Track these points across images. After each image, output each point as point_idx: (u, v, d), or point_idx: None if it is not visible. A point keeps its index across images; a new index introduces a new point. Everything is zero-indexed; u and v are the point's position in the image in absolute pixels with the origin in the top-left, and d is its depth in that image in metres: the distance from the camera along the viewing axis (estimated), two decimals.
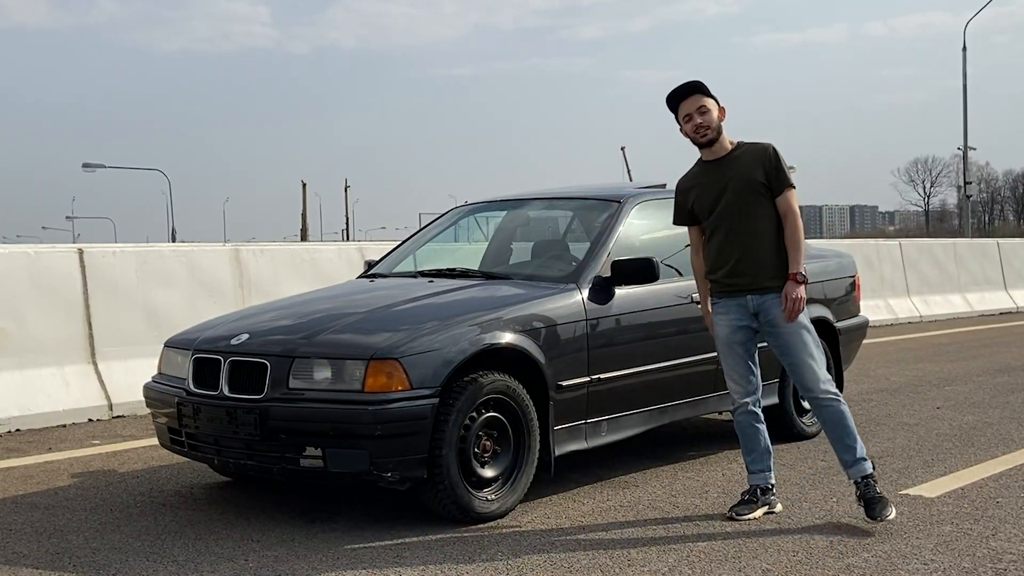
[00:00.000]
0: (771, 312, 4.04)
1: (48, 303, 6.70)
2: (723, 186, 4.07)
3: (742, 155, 4.10)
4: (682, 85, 4.12)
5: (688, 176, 4.27)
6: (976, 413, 6.53)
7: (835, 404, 4.04)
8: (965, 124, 31.25)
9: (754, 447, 4.19)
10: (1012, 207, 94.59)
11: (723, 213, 4.08)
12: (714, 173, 4.12)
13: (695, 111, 4.06)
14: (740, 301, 4.09)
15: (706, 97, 4.08)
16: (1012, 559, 3.54)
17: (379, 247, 8.42)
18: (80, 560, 3.67)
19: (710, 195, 4.12)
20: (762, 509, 4.11)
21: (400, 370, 3.88)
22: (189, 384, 4.26)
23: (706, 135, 4.07)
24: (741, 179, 4.05)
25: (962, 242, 17.04)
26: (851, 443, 4.02)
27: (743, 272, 4.06)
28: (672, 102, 4.13)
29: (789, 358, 4.07)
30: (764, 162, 4.05)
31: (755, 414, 4.20)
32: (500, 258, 5.63)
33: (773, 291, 4.04)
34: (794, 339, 4.03)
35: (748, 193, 4.04)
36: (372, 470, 3.85)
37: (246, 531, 3.99)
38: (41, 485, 4.85)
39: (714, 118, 4.07)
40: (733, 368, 4.18)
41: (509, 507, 4.16)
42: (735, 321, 4.12)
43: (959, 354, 10.12)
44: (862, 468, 4.02)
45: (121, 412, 6.73)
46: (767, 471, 4.18)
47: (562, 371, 4.38)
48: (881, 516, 3.90)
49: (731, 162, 4.10)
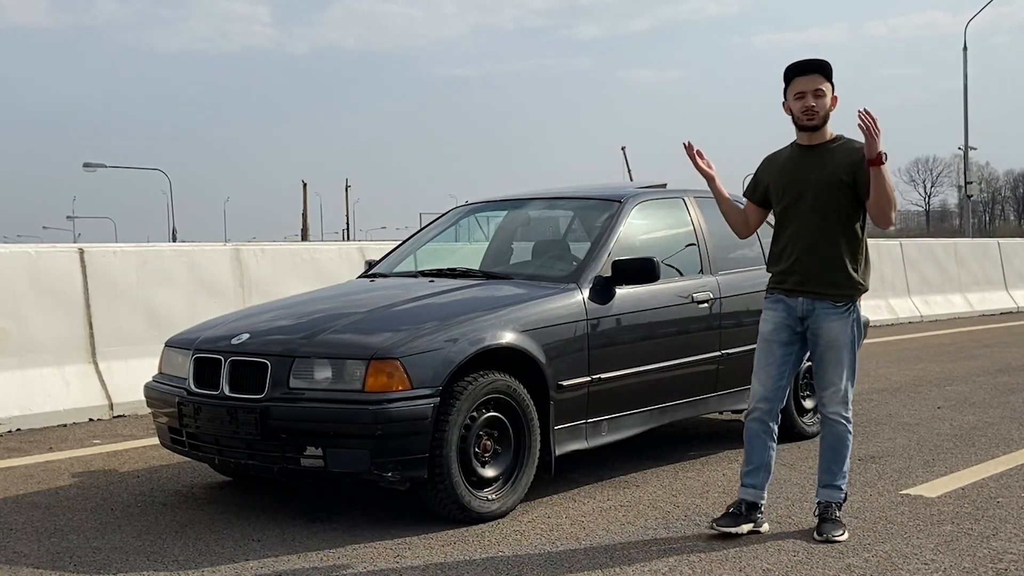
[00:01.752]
0: (818, 321, 3.83)
1: (49, 303, 6.70)
2: (807, 177, 3.82)
3: (837, 150, 3.83)
4: (807, 59, 3.84)
5: (775, 155, 4.01)
6: (976, 413, 6.53)
7: (841, 428, 3.89)
8: (966, 124, 31.24)
9: (754, 460, 3.95)
10: (1013, 207, 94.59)
11: (798, 206, 3.84)
12: (803, 160, 3.86)
13: (811, 91, 3.78)
14: (791, 302, 3.88)
15: (827, 81, 3.80)
16: (1013, 559, 3.54)
17: (380, 247, 8.42)
18: (81, 560, 3.67)
19: (791, 182, 3.87)
20: (747, 526, 3.87)
21: (401, 370, 3.88)
22: (190, 384, 4.26)
23: (812, 120, 3.79)
24: (828, 175, 3.78)
25: (963, 242, 17.04)
26: (836, 469, 3.90)
27: (800, 271, 3.84)
28: (789, 73, 3.84)
29: (819, 370, 3.88)
30: (856, 160, 3.75)
31: (768, 427, 3.94)
32: (501, 258, 5.63)
33: (827, 299, 3.81)
34: (832, 356, 3.83)
35: (830, 191, 3.78)
36: (373, 470, 3.85)
37: (246, 531, 3.99)
38: (42, 485, 4.85)
39: (826, 104, 3.79)
40: (763, 367, 3.93)
41: (510, 507, 4.16)
42: (782, 320, 3.90)
43: (960, 354, 10.11)
44: (833, 495, 3.89)
45: (122, 412, 6.73)
46: (760, 489, 3.93)
47: (563, 371, 4.38)
48: (830, 535, 3.75)
49: (823, 154, 3.83)
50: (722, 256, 5.38)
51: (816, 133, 3.84)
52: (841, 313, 3.82)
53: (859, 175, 3.75)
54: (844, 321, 3.82)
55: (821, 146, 3.85)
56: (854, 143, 3.83)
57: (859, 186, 3.76)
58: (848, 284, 3.82)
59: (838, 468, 3.90)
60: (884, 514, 4.12)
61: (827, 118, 3.83)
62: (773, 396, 3.93)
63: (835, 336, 3.82)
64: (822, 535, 3.76)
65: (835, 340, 3.82)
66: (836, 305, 3.82)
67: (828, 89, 3.80)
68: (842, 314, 3.82)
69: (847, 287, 3.82)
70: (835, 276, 3.81)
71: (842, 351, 3.83)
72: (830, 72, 3.82)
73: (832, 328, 3.82)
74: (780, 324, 3.91)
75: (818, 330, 3.84)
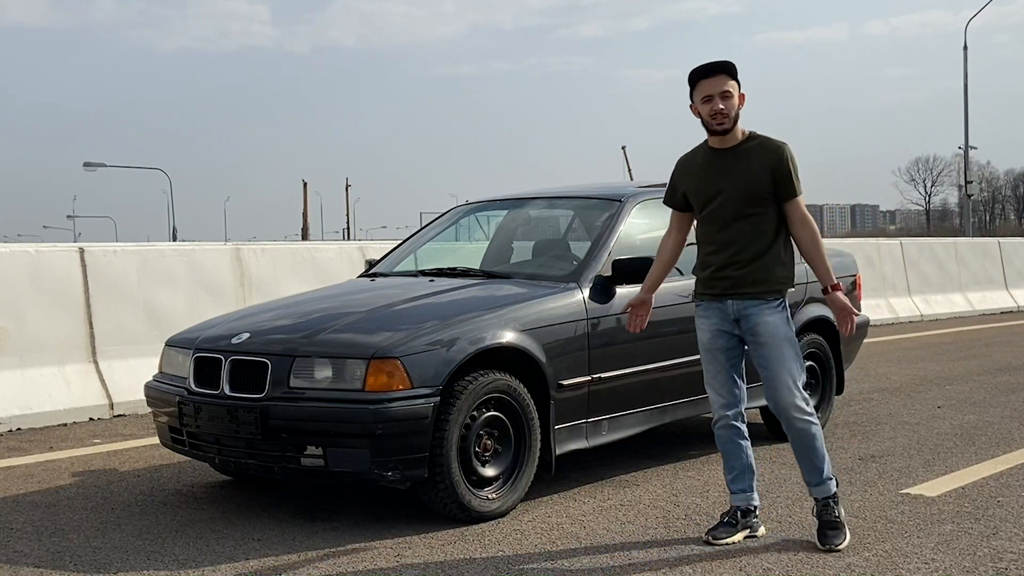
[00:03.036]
0: (752, 320, 3.74)
1: (49, 302, 6.70)
2: (724, 180, 3.73)
3: (752, 150, 3.74)
4: (710, 62, 3.74)
5: (689, 158, 3.91)
6: (977, 412, 6.53)
7: (807, 424, 3.73)
8: (966, 123, 31.26)
9: (735, 465, 3.90)
10: (1013, 206, 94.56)
11: (718, 209, 3.75)
12: (718, 163, 3.77)
13: (717, 94, 3.68)
14: (721, 306, 3.80)
15: (731, 80, 3.71)
16: (1013, 558, 3.54)
17: (380, 246, 8.43)
18: (81, 559, 3.67)
19: (708, 187, 3.78)
20: (743, 533, 3.82)
21: (401, 369, 3.88)
22: (190, 383, 4.26)
23: (722, 124, 3.70)
24: (745, 177, 3.70)
25: (963, 241, 17.06)
26: (819, 464, 3.76)
27: (727, 275, 3.75)
28: (693, 77, 3.74)
29: (765, 371, 3.76)
30: (774, 164, 3.70)
31: (737, 429, 3.88)
32: (501, 257, 5.63)
33: (755, 298, 3.74)
34: (774, 352, 3.72)
35: (749, 194, 3.70)
36: (373, 469, 3.85)
37: (247, 530, 3.99)
38: (42, 484, 4.85)
39: (734, 105, 3.70)
40: (714, 376, 3.87)
41: (510, 506, 4.16)
42: (716, 326, 3.82)
43: (960, 353, 10.11)
44: (826, 488, 3.77)
45: (122, 411, 6.73)
46: (749, 491, 3.89)
47: (563, 370, 4.38)
48: (832, 544, 3.65)
49: (739, 155, 3.74)
50: None
51: (728, 136, 3.74)
52: (774, 308, 3.75)
53: (777, 176, 3.69)
54: (779, 316, 3.75)
55: (736, 148, 3.75)
56: (768, 141, 3.76)
57: (777, 186, 3.70)
58: (776, 280, 3.75)
59: (820, 462, 3.77)
60: (884, 513, 4.12)
61: (737, 118, 3.73)
62: (732, 401, 3.87)
63: (773, 332, 3.73)
64: (824, 544, 3.66)
65: (774, 336, 3.73)
66: (768, 301, 3.74)
67: (735, 88, 3.70)
68: (775, 309, 3.75)
69: (776, 283, 3.75)
70: (763, 275, 3.74)
71: (784, 346, 3.73)
72: (735, 71, 3.73)
73: (768, 324, 3.73)
74: (716, 331, 3.83)
75: (754, 328, 3.75)
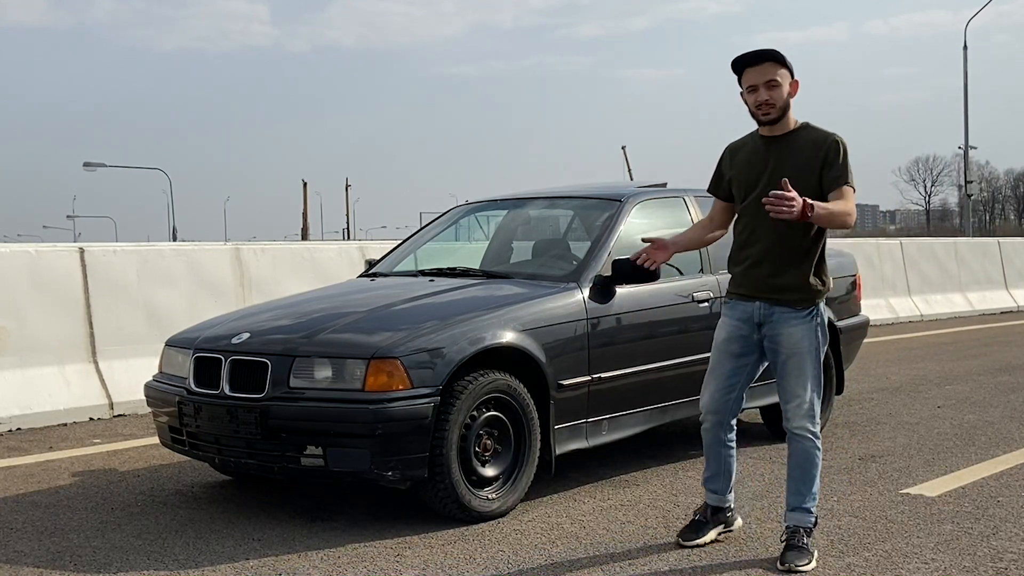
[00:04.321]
0: (776, 327, 3.56)
1: (49, 302, 6.70)
2: (769, 170, 3.53)
3: (803, 140, 3.54)
4: (755, 50, 3.54)
5: (739, 145, 3.73)
6: (977, 412, 6.53)
7: (808, 444, 3.58)
8: (966, 123, 31.25)
9: (713, 466, 3.78)
10: (1013, 206, 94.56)
11: (759, 201, 3.46)
12: (765, 152, 3.58)
13: (763, 84, 3.49)
14: (748, 306, 3.61)
15: (780, 68, 3.50)
16: (1013, 558, 3.54)
17: (380, 246, 8.42)
18: (81, 559, 3.67)
19: (752, 176, 3.59)
20: (713, 532, 3.75)
21: (401, 369, 3.88)
22: (190, 383, 4.26)
23: (768, 114, 3.51)
24: (791, 168, 3.47)
25: (963, 241, 17.06)
26: (804, 490, 3.59)
27: (758, 274, 3.57)
28: (737, 66, 3.56)
29: (783, 381, 3.60)
30: (823, 155, 3.49)
31: (720, 436, 3.74)
32: (501, 257, 5.63)
33: (786, 305, 3.54)
34: (793, 366, 3.56)
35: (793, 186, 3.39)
36: (373, 469, 3.85)
37: (247, 530, 3.99)
38: (42, 484, 4.85)
39: (783, 95, 3.50)
40: (713, 378, 3.71)
41: (510, 506, 4.16)
42: (736, 330, 3.65)
43: (960, 353, 10.11)
44: (802, 519, 3.58)
45: (122, 411, 6.73)
46: (722, 493, 3.78)
47: (563, 370, 4.38)
48: (792, 563, 3.44)
49: (787, 144, 3.55)
50: (722, 255, 5.36)
51: (777, 124, 3.56)
52: (803, 319, 3.55)
53: (825, 169, 3.49)
54: (806, 327, 3.55)
55: (784, 137, 3.57)
56: (822, 132, 3.57)
57: (824, 181, 3.50)
58: (809, 288, 3.56)
59: (807, 489, 3.59)
60: (884, 513, 4.12)
61: (787, 107, 3.54)
62: (721, 409, 3.72)
63: (796, 344, 3.55)
64: (784, 564, 3.44)
65: (796, 348, 3.55)
66: (796, 310, 3.55)
67: (784, 77, 3.51)
68: (803, 320, 3.55)
69: (808, 291, 3.56)
70: (795, 280, 3.55)
71: (804, 360, 3.55)
72: (782, 58, 3.53)
73: (793, 335, 3.55)
74: (733, 334, 3.66)
75: (777, 337, 3.58)
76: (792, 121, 3.58)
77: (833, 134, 3.56)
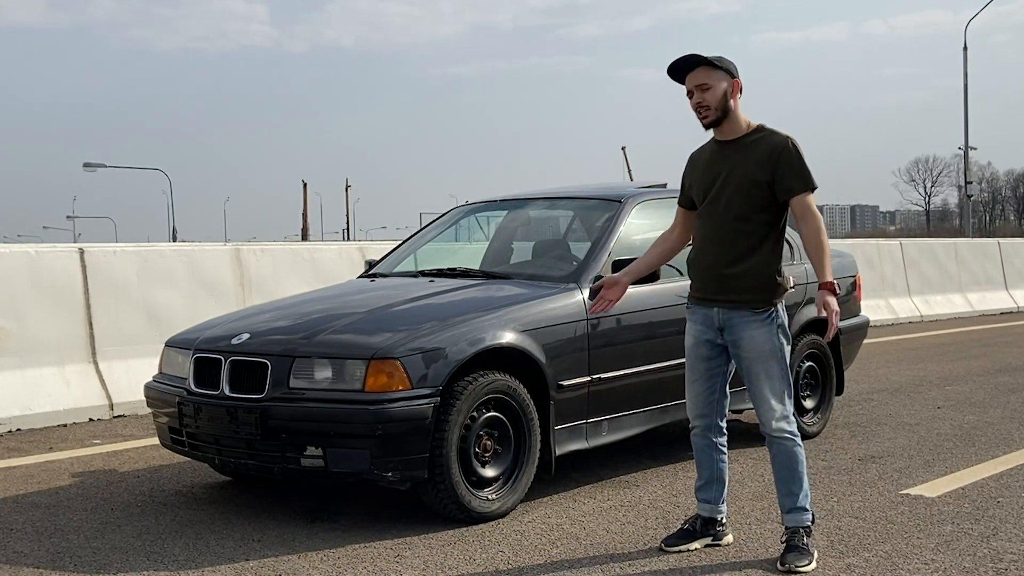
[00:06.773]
0: (736, 332, 3.53)
1: (49, 303, 6.70)
2: (722, 174, 3.52)
3: (754, 144, 3.51)
4: (678, 58, 3.53)
5: (698, 153, 3.73)
6: (977, 413, 6.53)
7: (787, 444, 3.56)
8: (966, 123, 31.26)
9: (703, 474, 3.78)
10: (1013, 207, 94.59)
11: (713, 205, 3.53)
12: (719, 156, 3.57)
13: (694, 87, 3.50)
14: (707, 312, 3.59)
15: (711, 71, 3.48)
16: (1013, 558, 3.54)
17: (380, 247, 8.43)
18: (81, 559, 3.67)
19: (707, 181, 3.58)
20: (700, 542, 3.70)
21: (401, 370, 3.88)
22: (190, 384, 4.26)
23: (706, 116, 3.50)
24: (742, 172, 3.48)
25: (963, 242, 17.05)
26: (795, 489, 3.56)
27: (715, 279, 3.55)
28: (673, 74, 3.57)
29: (751, 385, 3.58)
30: (775, 159, 3.46)
31: (710, 441, 3.74)
32: (501, 258, 5.63)
33: (744, 307, 3.51)
34: (757, 368, 3.53)
35: (745, 190, 3.47)
36: (373, 470, 3.85)
37: (247, 531, 3.99)
38: (42, 485, 4.85)
39: (717, 96, 3.47)
40: (691, 383, 3.71)
41: (510, 507, 4.16)
42: (700, 334, 3.64)
43: (960, 354, 10.11)
44: (799, 519, 3.56)
45: (122, 412, 6.73)
46: (714, 503, 3.75)
47: (563, 371, 4.38)
48: (792, 564, 3.43)
49: (740, 148, 3.53)
50: None
51: (726, 127, 3.53)
52: (762, 321, 3.51)
53: (777, 173, 3.46)
54: (766, 330, 3.51)
55: (738, 141, 3.54)
56: (774, 134, 3.53)
57: (776, 185, 3.46)
58: (765, 289, 3.51)
59: (798, 488, 3.57)
60: (884, 514, 4.12)
61: (727, 109, 3.50)
62: (707, 412, 3.71)
63: (758, 347, 3.51)
64: (784, 565, 3.44)
65: (759, 351, 3.52)
66: (755, 312, 3.51)
67: (716, 78, 3.47)
68: (763, 322, 3.51)
69: (765, 292, 3.51)
70: (750, 281, 3.50)
71: (769, 362, 3.51)
72: (709, 61, 3.49)
73: (754, 339, 3.51)
74: (699, 339, 3.65)
75: (739, 342, 3.54)
76: (745, 123, 3.56)
77: (786, 137, 3.52)
